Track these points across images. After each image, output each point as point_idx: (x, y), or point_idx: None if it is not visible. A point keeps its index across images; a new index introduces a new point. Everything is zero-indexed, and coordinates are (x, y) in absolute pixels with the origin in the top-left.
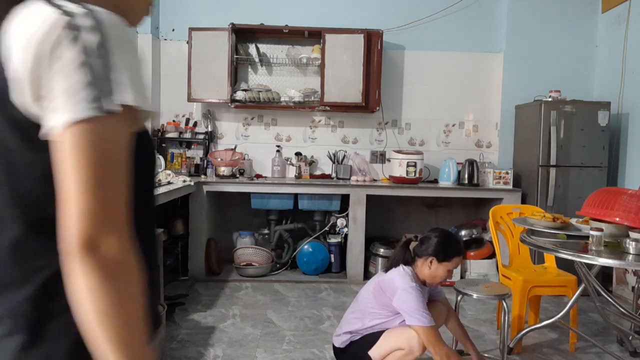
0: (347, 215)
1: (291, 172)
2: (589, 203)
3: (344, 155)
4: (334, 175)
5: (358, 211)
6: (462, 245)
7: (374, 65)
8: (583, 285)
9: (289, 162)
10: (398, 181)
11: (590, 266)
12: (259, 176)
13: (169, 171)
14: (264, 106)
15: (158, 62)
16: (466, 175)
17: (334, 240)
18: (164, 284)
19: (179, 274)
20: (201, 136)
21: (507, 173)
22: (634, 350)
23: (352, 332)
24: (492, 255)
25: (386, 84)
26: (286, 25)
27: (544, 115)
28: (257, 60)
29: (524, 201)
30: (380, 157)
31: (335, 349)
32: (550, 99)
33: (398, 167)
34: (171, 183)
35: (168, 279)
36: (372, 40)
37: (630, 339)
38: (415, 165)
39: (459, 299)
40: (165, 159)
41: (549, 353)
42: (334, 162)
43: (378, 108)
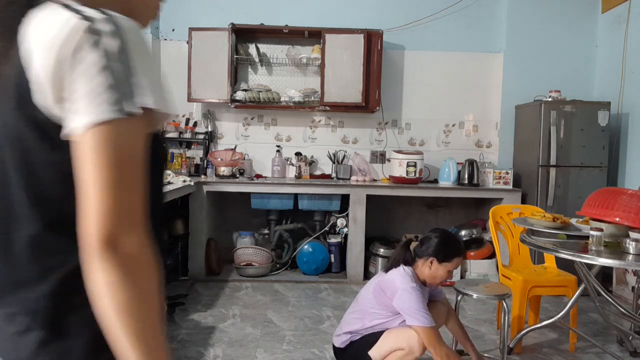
0: (347, 215)
1: (291, 172)
2: (589, 203)
3: (344, 155)
4: (334, 175)
5: (358, 211)
6: (463, 245)
7: (374, 65)
8: (583, 285)
9: (289, 162)
10: (398, 181)
11: (590, 266)
12: (259, 176)
13: (169, 171)
14: (264, 106)
15: (158, 62)
16: (466, 175)
17: (334, 240)
18: (164, 284)
19: (179, 274)
20: (201, 136)
21: (507, 173)
22: (634, 350)
23: (352, 332)
24: (492, 255)
25: (386, 84)
26: (286, 25)
27: (544, 115)
28: (257, 60)
29: (524, 201)
30: (380, 157)
31: (335, 349)
32: (550, 99)
33: (398, 167)
34: (171, 183)
35: (168, 279)
36: (372, 40)
37: (630, 339)
38: (415, 165)
39: (459, 299)
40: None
41: (549, 353)
42: (334, 162)
43: (378, 108)
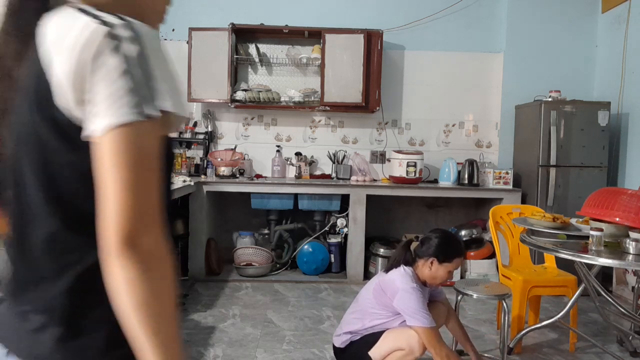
0: (347, 215)
1: (291, 172)
2: (589, 203)
3: (344, 155)
4: (334, 175)
5: (358, 211)
6: (463, 246)
7: (374, 65)
8: (583, 285)
9: (289, 162)
10: (398, 181)
11: (590, 266)
12: (259, 176)
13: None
14: (264, 106)
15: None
16: (466, 175)
17: (334, 240)
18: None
19: (179, 274)
20: (201, 136)
21: (507, 173)
22: (634, 350)
23: (352, 332)
24: (492, 255)
25: (386, 84)
26: (286, 25)
27: (544, 115)
28: (257, 60)
29: (524, 201)
30: (380, 157)
31: (335, 349)
32: (550, 99)
33: (398, 167)
34: (172, 183)
35: None
36: (372, 40)
37: (630, 339)
38: (415, 165)
39: (459, 299)
40: None
41: (549, 353)
42: (334, 162)
43: (378, 108)
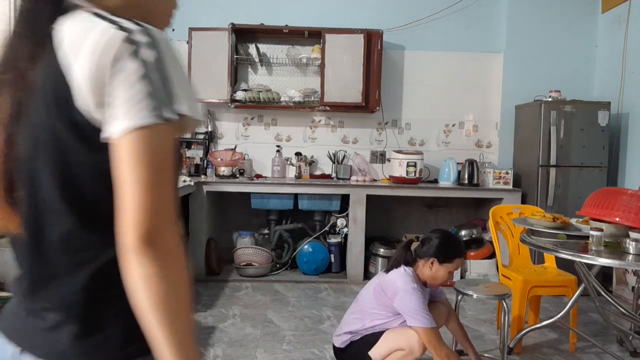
0: (347, 215)
1: (291, 172)
2: (589, 203)
3: (344, 155)
4: (334, 175)
5: (358, 211)
6: (464, 246)
7: (374, 65)
8: (583, 285)
9: (289, 162)
10: (398, 181)
11: (590, 266)
12: (259, 176)
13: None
14: (264, 106)
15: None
16: (466, 175)
17: (334, 240)
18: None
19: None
20: (201, 136)
21: (507, 173)
22: (634, 350)
23: (353, 332)
24: (492, 255)
25: (386, 84)
26: (286, 25)
27: (544, 115)
28: (257, 60)
29: (524, 201)
30: (380, 157)
31: (336, 349)
32: (550, 99)
33: (398, 167)
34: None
35: None
36: (372, 40)
37: (630, 339)
38: (415, 165)
39: (459, 299)
40: None
41: (549, 353)
42: (334, 162)
43: (378, 108)
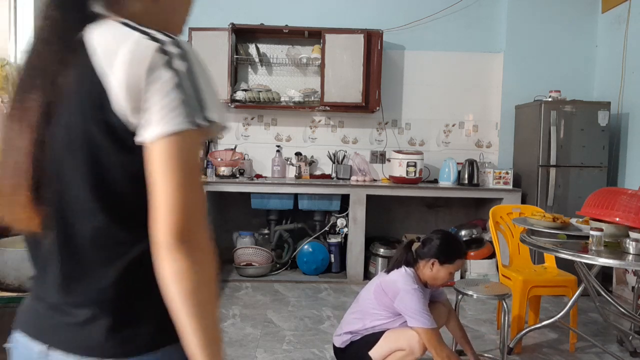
0: (347, 215)
1: (291, 172)
2: (589, 203)
3: (344, 155)
4: (334, 175)
5: (358, 211)
6: (465, 247)
7: (374, 65)
8: (583, 285)
9: (289, 162)
10: (398, 181)
11: (590, 266)
12: (259, 176)
13: None
14: (264, 106)
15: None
16: (466, 175)
17: (334, 240)
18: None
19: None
20: None
21: (507, 173)
22: (634, 350)
23: (353, 332)
24: (492, 255)
25: (386, 84)
26: (286, 25)
27: (544, 115)
28: (257, 60)
29: (524, 201)
30: (380, 157)
31: (336, 349)
32: (550, 99)
33: (398, 167)
34: None
35: None
36: (372, 40)
37: (630, 339)
38: (415, 165)
39: (459, 299)
40: None
41: (549, 353)
42: (334, 162)
43: (378, 108)
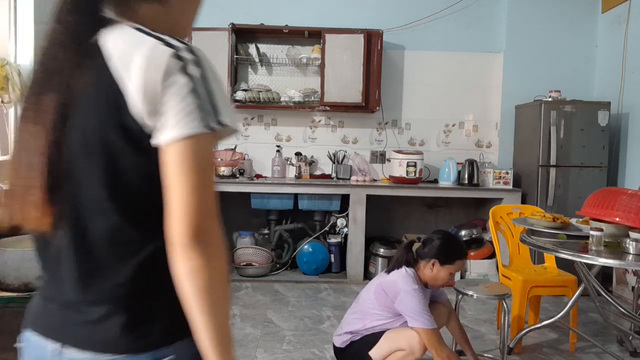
0: (347, 215)
1: (291, 172)
2: (589, 203)
3: (344, 155)
4: (334, 175)
5: (358, 211)
6: (465, 248)
7: (374, 65)
8: (583, 285)
9: (289, 162)
10: (398, 181)
11: (590, 266)
12: (259, 176)
13: None
14: (264, 106)
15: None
16: (466, 175)
17: (334, 240)
18: None
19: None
20: None
21: (507, 173)
22: (634, 350)
23: (353, 332)
24: (492, 255)
25: (386, 84)
26: (286, 25)
27: (544, 115)
28: (257, 60)
29: (524, 201)
30: (380, 157)
31: (336, 349)
32: (550, 99)
33: (398, 167)
34: None
35: None
36: (372, 40)
37: (630, 339)
38: (415, 165)
39: (459, 298)
40: None
41: (549, 353)
42: (334, 162)
43: (378, 108)
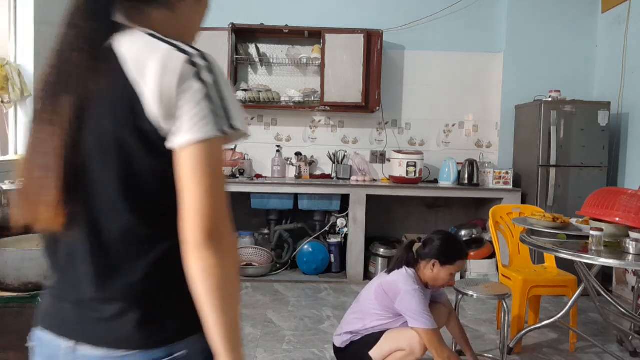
0: (347, 215)
1: (291, 172)
2: (589, 203)
3: (344, 155)
4: (334, 175)
5: (358, 211)
6: (466, 249)
7: (374, 65)
8: (583, 285)
9: (289, 162)
10: (398, 181)
11: (590, 266)
12: (259, 176)
13: None
14: (264, 106)
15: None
16: (466, 175)
17: (334, 240)
18: None
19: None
20: None
21: (507, 173)
22: (634, 350)
23: (353, 332)
24: (492, 255)
25: (386, 84)
26: (286, 25)
27: (544, 115)
28: (257, 60)
29: (524, 201)
30: (380, 157)
31: (336, 349)
32: (550, 99)
33: (398, 167)
34: None
35: None
36: (372, 40)
37: (630, 339)
38: (415, 165)
39: (459, 298)
40: None
41: (549, 353)
42: (334, 162)
43: (378, 108)
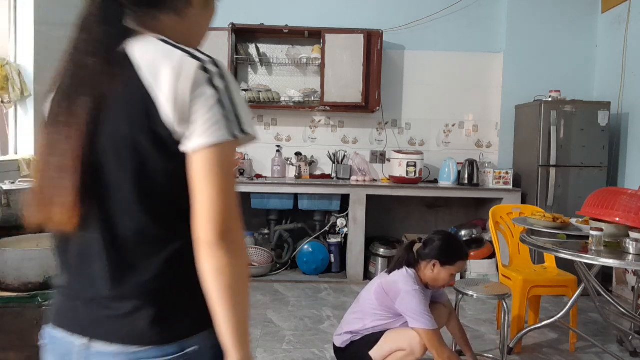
0: (347, 215)
1: (291, 172)
2: (589, 203)
3: (344, 155)
4: (334, 175)
5: (358, 211)
6: (466, 249)
7: (374, 65)
8: (583, 285)
9: (289, 162)
10: (398, 181)
11: (590, 266)
12: (259, 176)
13: None
14: (264, 106)
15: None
16: (466, 175)
17: (334, 240)
18: None
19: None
20: None
21: (507, 173)
22: (634, 350)
23: (353, 332)
24: (492, 255)
25: (386, 84)
26: (286, 25)
27: (544, 115)
28: (257, 60)
29: (524, 201)
30: (380, 157)
31: (336, 349)
32: (550, 99)
33: (398, 167)
34: None
35: None
36: (372, 40)
37: (630, 339)
38: (415, 165)
39: (459, 298)
40: None
41: (549, 353)
42: (334, 162)
43: (378, 108)
